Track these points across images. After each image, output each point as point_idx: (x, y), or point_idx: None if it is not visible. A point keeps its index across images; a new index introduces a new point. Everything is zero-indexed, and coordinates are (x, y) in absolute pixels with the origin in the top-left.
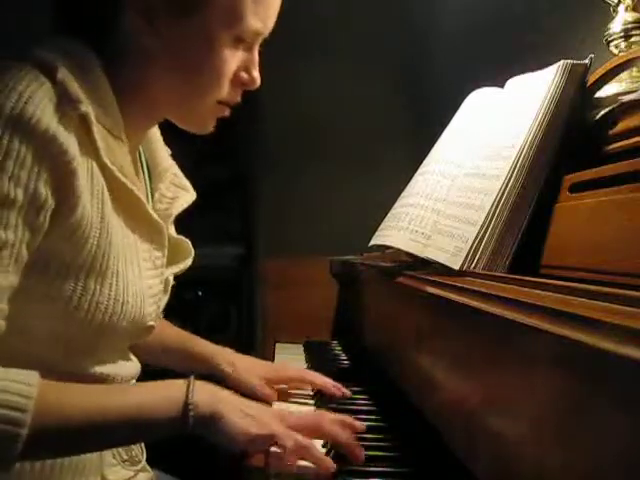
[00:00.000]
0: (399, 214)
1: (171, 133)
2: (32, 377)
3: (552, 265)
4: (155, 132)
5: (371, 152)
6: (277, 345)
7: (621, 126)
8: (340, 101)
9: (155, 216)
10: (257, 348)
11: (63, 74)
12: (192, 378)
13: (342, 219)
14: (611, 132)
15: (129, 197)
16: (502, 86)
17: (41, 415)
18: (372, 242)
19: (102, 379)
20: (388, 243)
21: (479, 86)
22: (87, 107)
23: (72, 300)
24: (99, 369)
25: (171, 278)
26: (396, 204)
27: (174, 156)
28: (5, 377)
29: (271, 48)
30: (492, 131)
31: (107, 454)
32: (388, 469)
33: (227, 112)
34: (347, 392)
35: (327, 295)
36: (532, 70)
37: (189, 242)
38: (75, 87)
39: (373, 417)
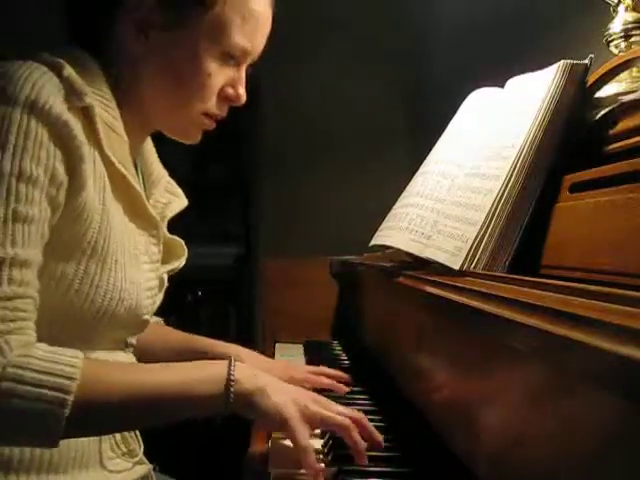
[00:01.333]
0: (399, 214)
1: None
2: (78, 353)
3: (552, 265)
4: (148, 143)
5: (371, 152)
6: (277, 345)
7: (621, 126)
8: (340, 101)
9: (152, 210)
10: (257, 348)
11: (68, 71)
12: (232, 358)
13: (342, 219)
14: (611, 132)
15: (128, 190)
16: (502, 86)
17: (87, 387)
18: (372, 242)
19: None
20: (388, 243)
21: (479, 86)
22: (91, 100)
23: (74, 283)
24: (96, 358)
25: (165, 277)
26: (396, 204)
27: (175, 158)
28: (54, 350)
29: (272, 48)
30: (492, 131)
31: (106, 447)
32: (388, 469)
33: (213, 126)
34: (344, 388)
35: (327, 295)
36: (532, 70)
37: (182, 242)
38: (79, 82)
39: (373, 417)
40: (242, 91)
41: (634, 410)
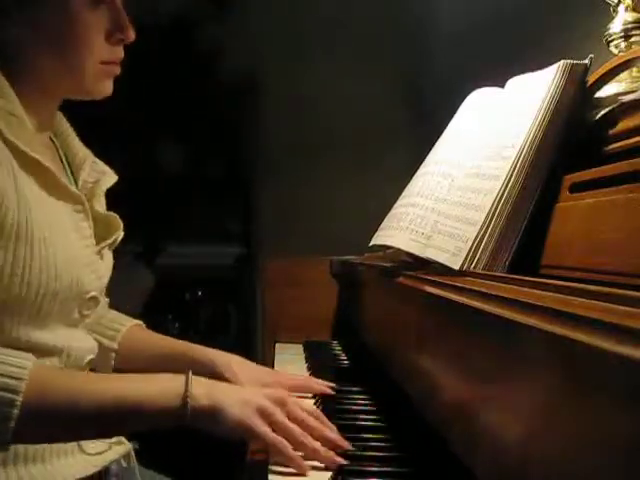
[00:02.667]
0: (399, 214)
1: (172, 134)
2: (30, 356)
3: (552, 265)
4: (67, 127)
5: (371, 152)
6: (277, 345)
7: (621, 126)
8: (340, 100)
9: (72, 187)
10: (257, 348)
11: None
12: (190, 372)
13: (342, 219)
14: (611, 132)
15: (42, 170)
16: (502, 86)
17: (36, 390)
18: (372, 242)
19: (53, 349)
20: (388, 243)
21: (479, 86)
22: None
23: (5, 268)
24: (48, 337)
25: (109, 254)
26: (396, 204)
27: (175, 157)
28: (5, 352)
29: (272, 48)
30: (492, 131)
31: None
32: (388, 469)
33: (117, 70)
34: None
35: (327, 295)
36: (532, 70)
37: (117, 216)
38: None
39: (373, 417)
40: (125, 24)
41: (634, 410)
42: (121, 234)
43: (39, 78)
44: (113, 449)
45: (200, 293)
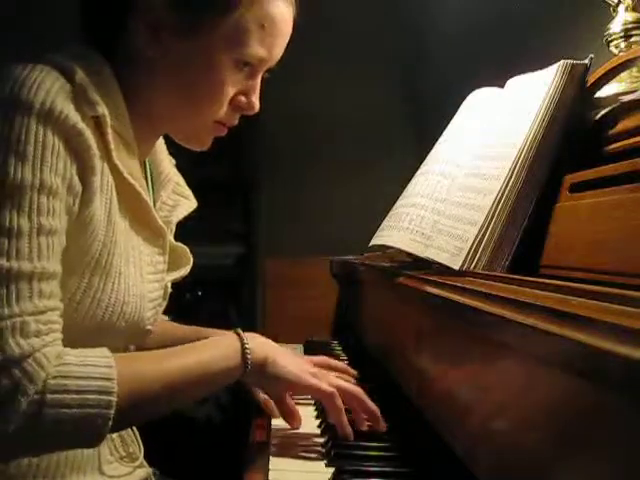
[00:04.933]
0: (399, 214)
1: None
2: (105, 351)
3: (552, 265)
4: (160, 143)
5: (371, 152)
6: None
7: (621, 126)
8: (340, 101)
9: (159, 221)
10: None
11: (81, 77)
12: (239, 330)
13: (342, 219)
14: (611, 132)
15: (136, 200)
16: (502, 86)
17: (124, 384)
18: (372, 242)
19: None
20: (389, 243)
21: (479, 86)
22: (103, 109)
23: (75, 296)
24: None
25: (169, 285)
26: (396, 204)
27: (175, 157)
28: (84, 353)
29: None
30: (492, 131)
31: (105, 451)
32: (388, 469)
33: (224, 132)
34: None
35: (327, 295)
36: (532, 70)
37: (187, 250)
38: (92, 90)
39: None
40: (255, 100)
41: (634, 410)
42: (189, 269)
43: (153, 114)
44: (134, 473)
45: (200, 293)
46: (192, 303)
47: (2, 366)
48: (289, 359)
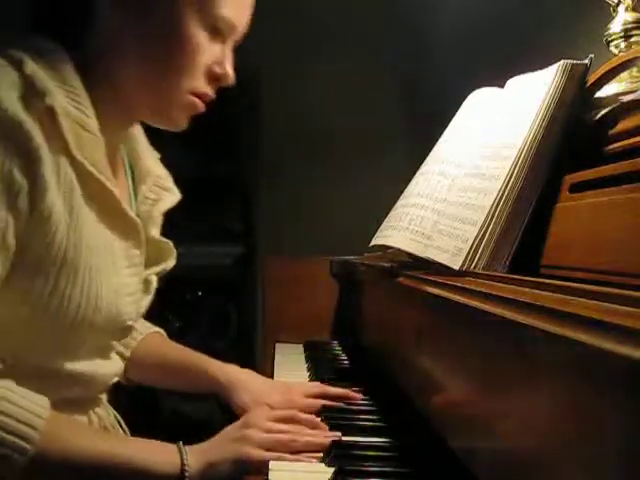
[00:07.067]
0: (399, 214)
1: (171, 134)
2: (45, 402)
3: (552, 265)
4: (139, 135)
5: (371, 152)
6: (277, 345)
7: (621, 126)
8: (340, 101)
9: (131, 213)
10: (257, 348)
11: (31, 67)
12: (181, 445)
13: (342, 219)
14: (611, 132)
15: (103, 192)
16: (502, 86)
17: (47, 441)
18: (373, 242)
19: (79, 377)
20: (389, 243)
21: (479, 86)
22: (53, 100)
23: (43, 295)
24: (76, 366)
25: (154, 279)
26: (396, 204)
27: (175, 157)
28: (24, 393)
29: (272, 49)
30: (492, 131)
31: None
32: (388, 469)
33: (201, 108)
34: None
35: (327, 295)
36: (532, 70)
37: (171, 243)
38: (42, 80)
39: (373, 417)
40: (230, 69)
41: (634, 410)
42: (171, 263)
43: (123, 95)
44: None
45: (200, 293)
46: (192, 303)
47: None
48: (229, 451)
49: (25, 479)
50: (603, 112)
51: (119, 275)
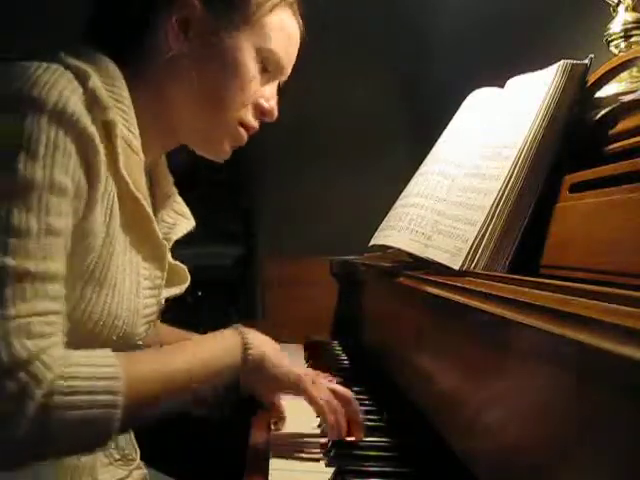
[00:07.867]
0: (399, 214)
1: None
2: (108, 351)
3: (552, 265)
4: (162, 157)
5: (371, 152)
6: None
7: (621, 126)
8: (340, 101)
9: (160, 235)
10: None
11: (94, 82)
12: (239, 325)
13: (342, 219)
14: (611, 132)
15: (139, 212)
16: (502, 86)
17: (129, 383)
18: (372, 242)
19: None
20: (388, 243)
21: (479, 86)
22: (114, 115)
23: (67, 306)
24: None
25: (163, 302)
26: (396, 204)
27: (175, 156)
28: (88, 354)
29: None
30: (492, 131)
31: (100, 455)
32: (388, 469)
33: (244, 140)
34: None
35: (327, 295)
36: (532, 70)
37: (186, 269)
38: (104, 95)
39: (373, 417)
40: (275, 106)
41: (635, 410)
42: (184, 287)
43: (170, 118)
44: (132, 475)
45: (200, 293)
46: (192, 303)
47: (8, 369)
48: (286, 360)
49: (126, 423)
50: (603, 112)
51: (139, 296)
